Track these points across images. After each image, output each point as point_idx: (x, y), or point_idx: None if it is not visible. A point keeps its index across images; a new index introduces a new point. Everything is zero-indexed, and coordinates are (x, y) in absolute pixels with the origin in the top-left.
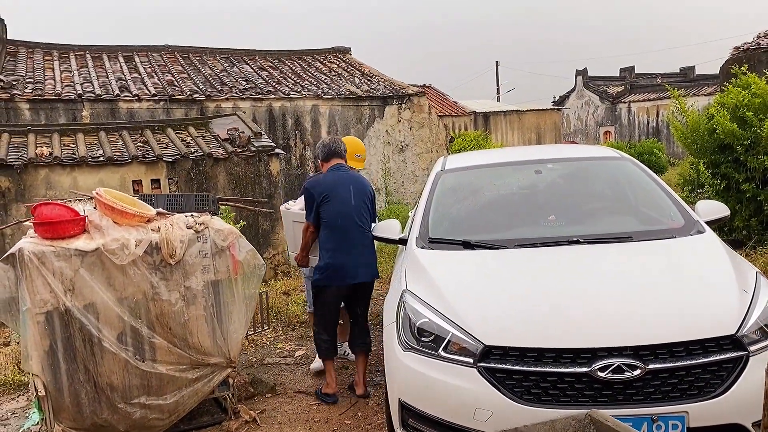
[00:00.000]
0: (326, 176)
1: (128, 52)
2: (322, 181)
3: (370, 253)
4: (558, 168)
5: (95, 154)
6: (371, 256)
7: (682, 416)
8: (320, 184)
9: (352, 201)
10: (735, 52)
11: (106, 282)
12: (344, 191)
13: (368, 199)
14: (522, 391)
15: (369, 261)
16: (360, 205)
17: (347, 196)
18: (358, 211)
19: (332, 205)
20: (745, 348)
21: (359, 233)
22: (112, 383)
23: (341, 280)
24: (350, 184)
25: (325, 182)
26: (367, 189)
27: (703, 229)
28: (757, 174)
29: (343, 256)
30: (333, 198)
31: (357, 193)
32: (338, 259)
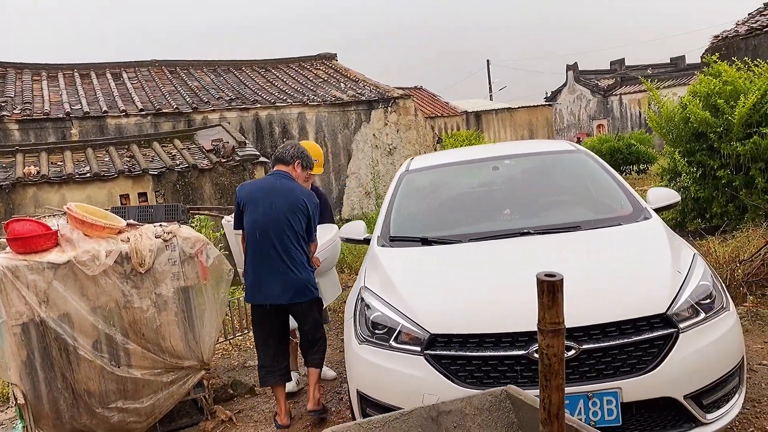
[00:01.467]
0: (255, 181)
1: (116, 69)
2: (247, 185)
3: (291, 275)
4: (515, 163)
5: (82, 170)
6: (295, 277)
7: (616, 392)
8: (243, 188)
9: (272, 213)
10: (714, 40)
11: (79, 292)
12: (265, 200)
13: (299, 213)
14: (465, 375)
15: (291, 283)
16: (282, 219)
17: (266, 207)
18: (278, 226)
19: (250, 213)
20: (675, 325)
21: (277, 250)
22: (89, 389)
23: (257, 298)
24: (275, 194)
25: (249, 187)
26: (297, 202)
27: (649, 216)
28: (731, 160)
29: (259, 274)
30: (250, 206)
31: (281, 205)
32: (255, 276)
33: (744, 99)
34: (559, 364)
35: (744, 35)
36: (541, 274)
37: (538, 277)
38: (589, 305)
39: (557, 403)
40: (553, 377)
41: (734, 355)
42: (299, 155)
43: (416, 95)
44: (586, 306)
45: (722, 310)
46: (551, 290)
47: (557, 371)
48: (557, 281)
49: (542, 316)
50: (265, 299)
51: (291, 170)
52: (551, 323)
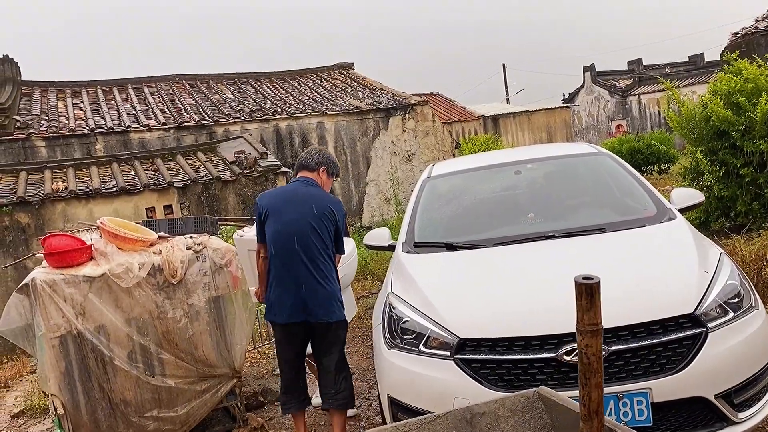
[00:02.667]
0: (276, 189)
1: (137, 84)
2: (270, 193)
3: (320, 289)
4: (537, 167)
5: (109, 185)
6: (323, 294)
7: (646, 392)
8: (265, 196)
9: (297, 221)
10: (734, 37)
11: (113, 304)
12: (290, 208)
13: (326, 221)
14: (496, 379)
15: (318, 300)
16: (308, 229)
17: (291, 215)
18: (305, 236)
19: (272, 223)
20: (704, 325)
21: (304, 263)
22: (125, 399)
23: (285, 317)
24: (299, 201)
25: (272, 195)
26: (324, 209)
27: (674, 216)
28: (755, 158)
29: (283, 290)
30: (274, 215)
31: (307, 213)
32: (278, 293)
33: (766, 96)
34: (598, 362)
35: (764, 32)
36: (579, 277)
37: (576, 280)
38: (617, 307)
39: (597, 400)
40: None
41: (764, 354)
42: (325, 161)
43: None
44: (614, 307)
45: (751, 308)
46: (589, 292)
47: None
48: (595, 284)
49: (581, 317)
50: (289, 317)
51: (316, 177)
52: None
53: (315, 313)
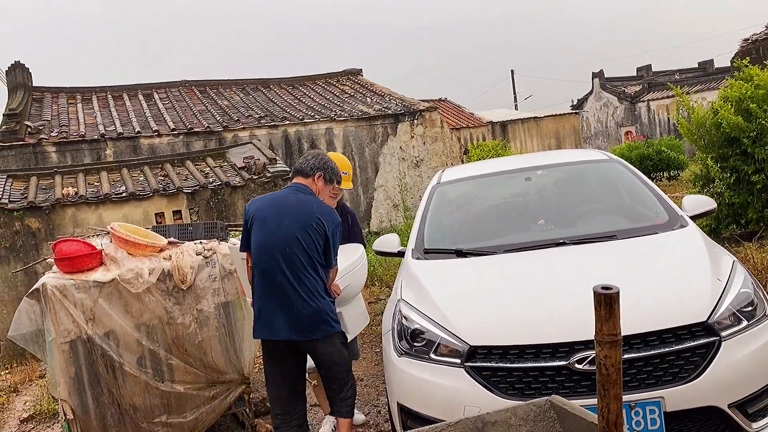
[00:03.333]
0: (267, 195)
1: (147, 90)
2: (258, 200)
3: (305, 306)
4: (547, 174)
5: (118, 190)
6: (307, 308)
7: (658, 401)
8: (253, 203)
9: (281, 232)
10: (744, 43)
11: (123, 310)
12: (274, 217)
13: (312, 233)
14: (506, 387)
15: (303, 315)
16: (292, 239)
17: (274, 225)
18: (287, 247)
19: (256, 232)
20: (717, 333)
21: (287, 277)
22: (134, 404)
23: (266, 333)
24: (287, 210)
25: (259, 202)
26: (311, 220)
27: (686, 223)
28: (766, 165)
29: (264, 304)
30: (259, 223)
31: (292, 223)
32: (259, 306)
33: None
34: (617, 373)
35: None
36: (598, 287)
37: (595, 290)
38: (629, 315)
39: (615, 412)
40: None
41: None
42: (321, 166)
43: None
44: (626, 316)
45: (765, 317)
46: (608, 303)
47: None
48: (614, 294)
49: (599, 327)
50: (271, 334)
51: (311, 183)
52: (609, 335)
53: (299, 331)
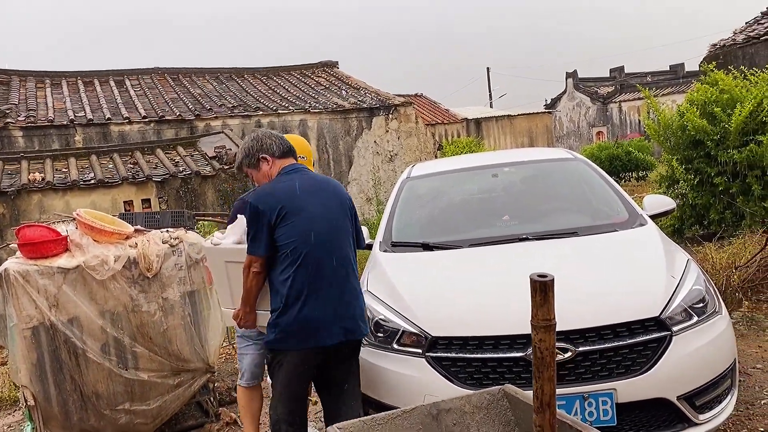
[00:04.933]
0: (278, 183)
1: (119, 76)
2: (274, 189)
3: (360, 297)
4: (514, 171)
5: (87, 177)
6: (361, 302)
7: (611, 393)
8: (271, 194)
9: (327, 218)
10: (712, 49)
11: (88, 296)
12: (314, 203)
13: (351, 215)
14: (466, 377)
15: (358, 311)
16: (339, 225)
17: (319, 210)
18: (337, 234)
19: (297, 224)
20: (669, 328)
21: (341, 267)
22: (97, 391)
23: (312, 342)
24: (322, 192)
25: (281, 191)
26: (346, 198)
27: (645, 222)
28: (728, 168)
29: (318, 303)
30: (295, 214)
31: (334, 206)
32: (310, 309)
33: (740, 107)
34: (551, 357)
35: (741, 44)
36: (534, 274)
37: (531, 278)
38: (585, 309)
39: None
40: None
41: (726, 358)
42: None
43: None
44: (582, 309)
45: (714, 314)
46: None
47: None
48: (548, 281)
49: (535, 313)
50: (322, 340)
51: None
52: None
53: (354, 328)
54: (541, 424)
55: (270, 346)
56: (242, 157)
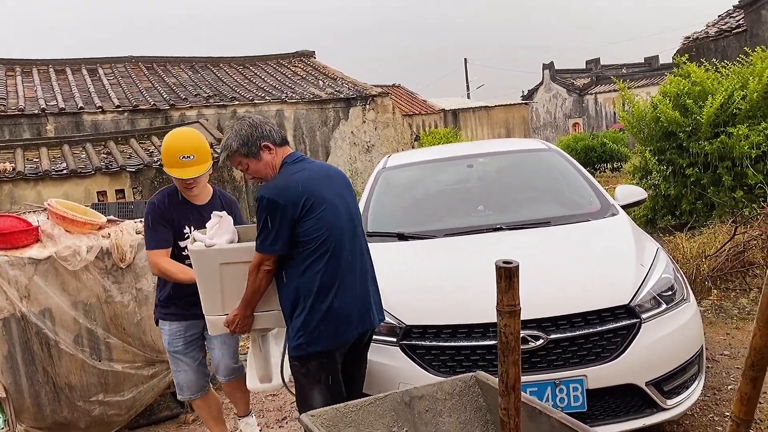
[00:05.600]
0: (293, 173)
1: (92, 65)
2: (291, 181)
3: (375, 285)
4: (489, 161)
5: (59, 167)
6: (377, 290)
7: (581, 379)
8: (290, 187)
9: (344, 206)
10: (686, 41)
11: (60, 287)
12: (330, 192)
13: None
14: (439, 365)
15: (376, 298)
16: (353, 212)
17: (336, 200)
18: (353, 222)
19: (323, 216)
20: (638, 316)
21: (360, 255)
22: (70, 383)
23: (343, 335)
24: (331, 180)
25: (301, 182)
26: (349, 183)
27: (616, 212)
28: (700, 159)
29: (346, 295)
30: (320, 205)
31: (346, 194)
32: (339, 301)
33: (712, 99)
34: (516, 341)
35: (714, 37)
36: (499, 261)
37: (497, 264)
38: (556, 297)
39: (514, 377)
40: (510, 353)
41: (694, 344)
42: None
43: (394, 93)
44: (554, 298)
45: (683, 301)
46: (508, 276)
47: (514, 348)
48: (513, 267)
49: (500, 298)
50: (354, 331)
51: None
52: (508, 305)
53: (372, 317)
54: (507, 406)
55: (302, 352)
56: (239, 145)
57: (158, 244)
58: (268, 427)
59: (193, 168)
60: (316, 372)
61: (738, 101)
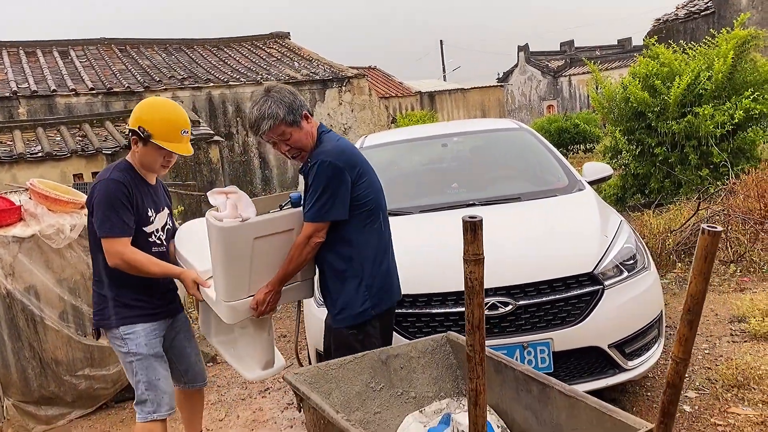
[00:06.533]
0: (340, 139)
1: (63, 47)
2: (341, 146)
3: None
4: (462, 140)
5: (34, 150)
6: None
7: (548, 342)
8: (347, 151)
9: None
10: (656, 23)
11: (44, 265)
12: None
13: None
14: (415, 331)
15: None
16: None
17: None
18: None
19: (372, 179)
20: (601, 283)
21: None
22: (56, 358)
23: (395, 296)
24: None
25: (348, 147)
26: None
27: (583, 187)
28: (667, 138)
29: (393, 258)
30: (368, 170)
31: None
32: (391, 261)
33: (679, 80)
34: (480, 286)
35: (683, 19)
36: (465, 216)
37: (463, 219)
38: (524, 266)
39: (478, 317)
40: (475, 296)
41: (653, 310)
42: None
43: (370, 75)
44: (522, 267)
45: (643, 269)
46: (473, 229)
47: (478, 292)
48: (478, 221)
49: (466, 249)
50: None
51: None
52: (473, 254)
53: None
54: (473, 343)
55: (366, 316)
56: (285, 112)
57: (123, 230)
58: (251, 397)
59: (188, 144)
60: (377, 334)
61: (704, 82)
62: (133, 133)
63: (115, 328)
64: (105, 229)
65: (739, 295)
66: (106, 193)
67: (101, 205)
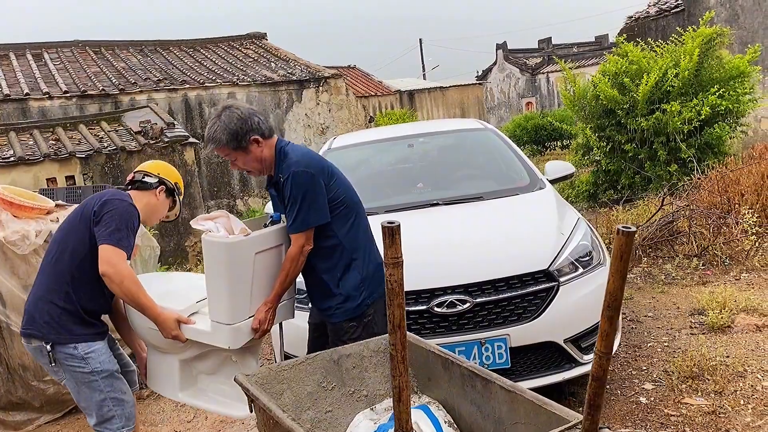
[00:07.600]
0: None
1: (36, 50)
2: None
3: None
4: (428, 141)
5: (5, 154)
6: None
7: (505, 338)
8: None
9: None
10: (628, 21)
11: (9, 271)
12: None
13: None
14: None
15: None
16: None
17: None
18: None
19: (340, 178)
20: (556, 279)
21: None
22: (24, 364)
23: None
24: None
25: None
26: None
27: (543, 186)
28: (637, 135)
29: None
30: (338, 173)
31: None
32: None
33: (647, 78)
34: (400, 288)
35: (654, 16)
36: (384, 222)
37: (382, 225)
38: (482, 264)
39: (399, 317)
40: (395, 297)
41: None
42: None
43: (349, 74)
44: (480, 265)
45: (599, 265)
46: (391, 233)
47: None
48: (395, 226)
49: (386, 252)
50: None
51: None
52: (392, 258)
53: None
54: (394, 342)
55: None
56: (228, 138)
57: (128, 247)
58: None
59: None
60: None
61: (671, 79)
62: (166, 185)
63: (71, 345)
64: (114, 238)
65: (701, 288)
66: (128, 213)
67: (117, 218)
